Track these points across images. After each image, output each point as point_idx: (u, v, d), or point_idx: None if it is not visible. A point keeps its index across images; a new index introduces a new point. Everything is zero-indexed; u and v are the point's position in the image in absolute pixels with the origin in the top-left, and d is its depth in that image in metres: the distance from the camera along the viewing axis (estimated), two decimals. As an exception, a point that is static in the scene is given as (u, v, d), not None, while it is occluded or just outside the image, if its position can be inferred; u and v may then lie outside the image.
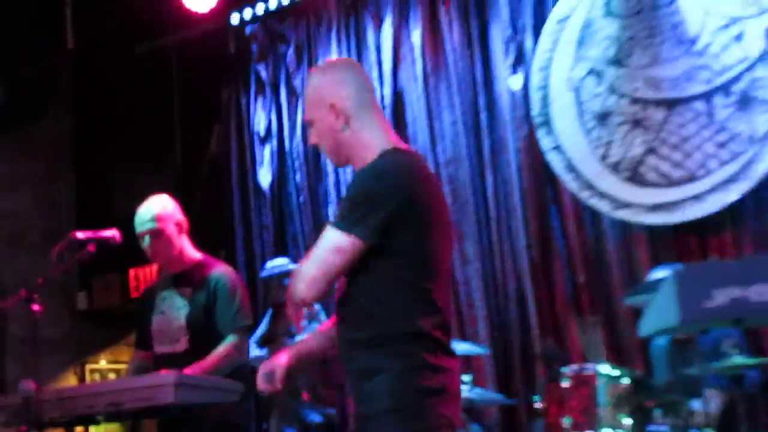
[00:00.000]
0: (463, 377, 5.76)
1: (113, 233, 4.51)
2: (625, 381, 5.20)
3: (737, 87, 6.09)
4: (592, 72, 6.67)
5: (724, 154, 6.10)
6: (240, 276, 5.03)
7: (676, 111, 6.30)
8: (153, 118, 8.65)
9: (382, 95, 7.62)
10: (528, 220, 6.85)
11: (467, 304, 7.04)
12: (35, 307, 4.19)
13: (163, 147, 8.66)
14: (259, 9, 8.39)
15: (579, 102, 6.70)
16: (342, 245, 2.88)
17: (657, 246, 6.38)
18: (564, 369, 5.36)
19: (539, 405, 5.40)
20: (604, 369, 5.24)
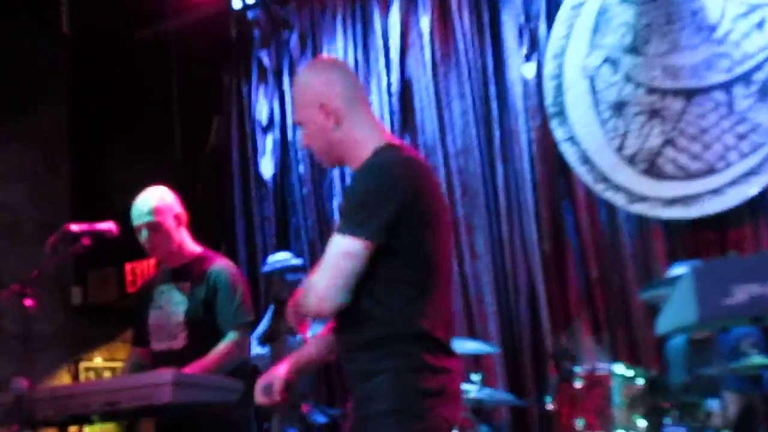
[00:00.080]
0: (472, 376, 5.78)
1: (110, 226, 4.52)
2: (640, 381, 5.20)
3: (758, 76, 6.08)
4: (607, 60, 6.66)
5: (744, 145, 6.09)
6: (241, 270, 5.03)
7: (694, 101, 6.28)
8: (151, 106, 8.64)
9: (389, 83, 7.62)
10: (540, 213, 6.85)
11: (477, 299, 7.05)
12: (28, 302, 4.18)
13: (162, 136, 8.65)
14: (262, -7, 8.40)
15: (594, 91, 6.69)
16: (351, 250, 2.87)
17: (674, 241, 6.37)
18: (577, 368, 5.36)
19: (551, 406, 5.40)
20: (618, 369, 5.24)
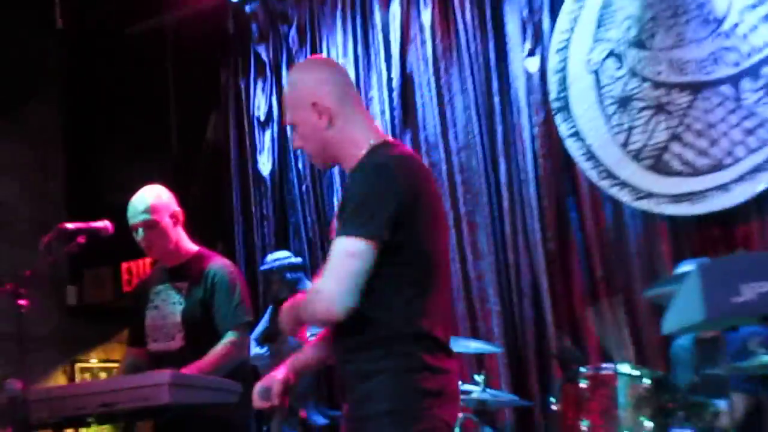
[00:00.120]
0: (476, 377, 5.78)
1: (105, 224, 4.52)
2: (646, 381, 5.18)
3: (766, 70, 6.07)
4: (612, 54, 6.65)
5: (751, 141, 6.08)
6: (239, 269, 5.03)
7: (701, 95, 6.28)
8: (147, 102, 8.64)
9: (389, 78, 7.62)
10: (544, 210, 6.84)
11: (480, 299, 7.04)
12: (22, 302, 4.19)
13: (158, 133, 8.65)
14: (260, -14, 8.40)
15: (599, 86, 6.69)
16: (356, 250, 2.85)
17: (680, 238, 6.36)
18: (581, 369, 5.35)
19: (555, 407, 5.40)
20: (624, 369, 5.22)
